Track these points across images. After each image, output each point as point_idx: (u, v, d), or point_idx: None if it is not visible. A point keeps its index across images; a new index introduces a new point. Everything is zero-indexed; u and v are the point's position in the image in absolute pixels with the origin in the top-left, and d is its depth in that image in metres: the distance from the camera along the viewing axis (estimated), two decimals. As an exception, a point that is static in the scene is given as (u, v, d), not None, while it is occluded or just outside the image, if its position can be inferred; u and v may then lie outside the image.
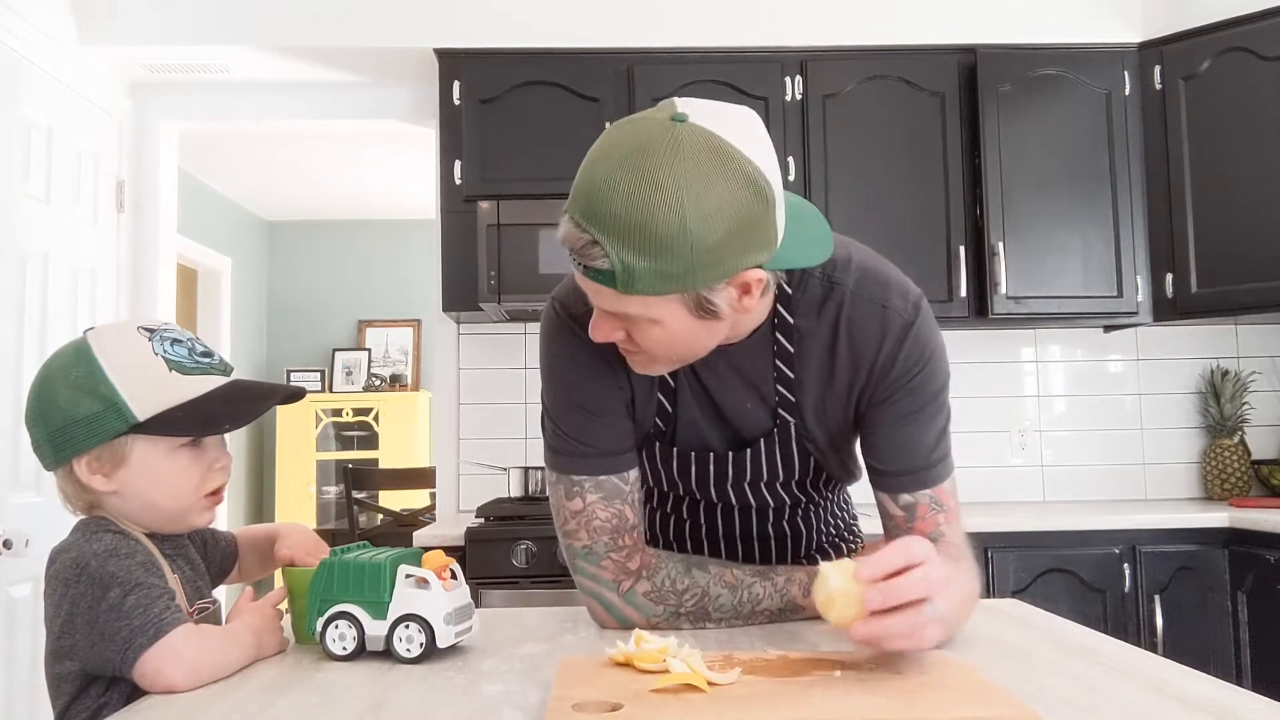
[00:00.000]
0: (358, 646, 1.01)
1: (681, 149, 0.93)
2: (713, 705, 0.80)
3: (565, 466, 1.20)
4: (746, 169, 0.94)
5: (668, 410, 1.23)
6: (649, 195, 0.91)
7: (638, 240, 0.93)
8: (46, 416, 1.06)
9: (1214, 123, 2.98)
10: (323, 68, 3.32)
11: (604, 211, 0.93)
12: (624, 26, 3.13)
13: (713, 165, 0.93)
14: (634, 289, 0.95)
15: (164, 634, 0.95)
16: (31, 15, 2.77)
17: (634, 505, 1.21)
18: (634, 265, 0.93)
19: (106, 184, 3.17)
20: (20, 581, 2.56)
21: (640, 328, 1.02)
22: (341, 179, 5.56)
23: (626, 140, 0.95)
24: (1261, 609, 2.62)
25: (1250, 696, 0.83)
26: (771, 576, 1.21)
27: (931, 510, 1.18)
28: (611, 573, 1.19)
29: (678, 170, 0.92)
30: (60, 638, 1.00)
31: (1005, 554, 2.69)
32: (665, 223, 0.92)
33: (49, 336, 2.75)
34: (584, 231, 0.95)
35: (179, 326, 1.12)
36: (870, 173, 3.06)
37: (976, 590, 1.15)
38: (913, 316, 1.16)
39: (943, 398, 1.20)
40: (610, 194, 0.93)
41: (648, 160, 0.92)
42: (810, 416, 1.20)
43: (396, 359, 6.38)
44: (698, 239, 0.92)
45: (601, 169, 0.95)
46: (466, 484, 3.31)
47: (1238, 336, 3.37)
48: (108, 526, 1.05)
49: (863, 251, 1.21)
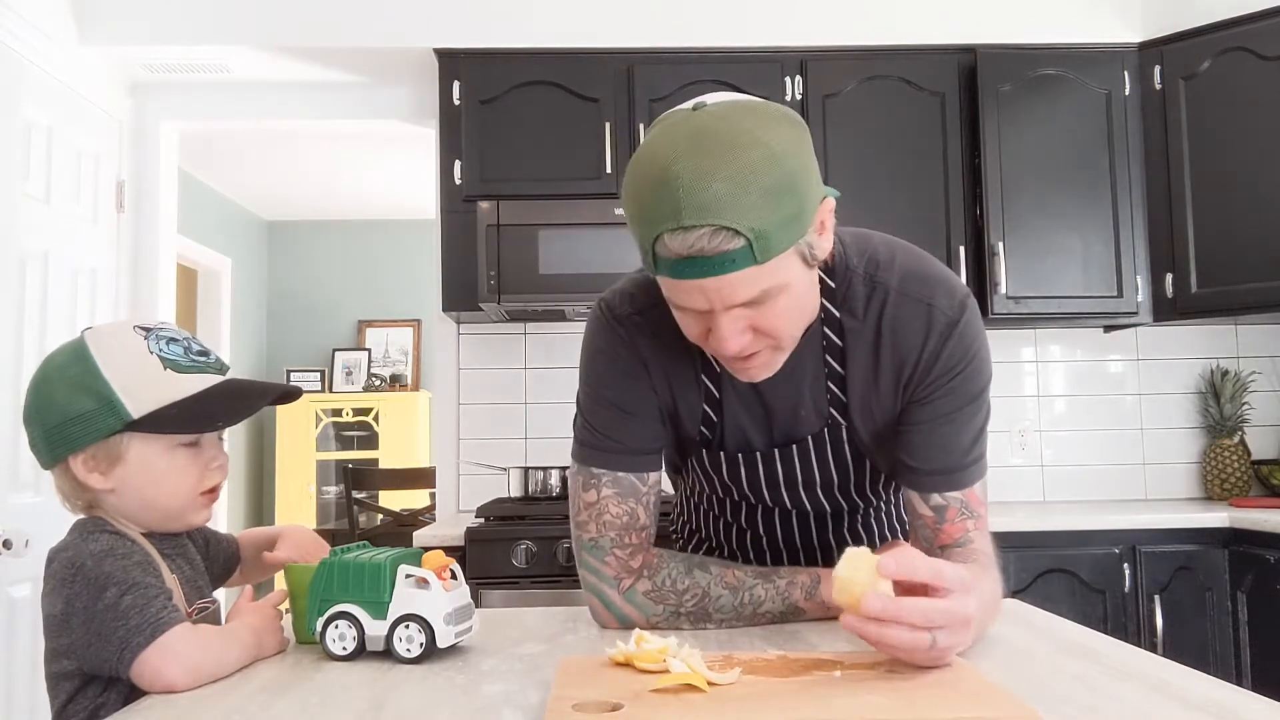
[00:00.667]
0: (358, 646, 1.01)
1: (733, 117, 0.96)
2: (713, 705, 0.80)
3: (587, 458, 1.22)
4: (782, 110, 0.99)
5: (712, 419, 1.23)
6: (741, 159, 0.93)
7: (755, 200, 0.93)
8: (43, 414, 1.06)
9: (1214, 123, 2.98)
10: (323, 68, 3.32)
11: (713, 196, 0.93)
12: (624, 26, 3.13)
13: (762, 115, 0.97)
14: (771, 249, 0.95)
15: (161, 633, 0.95)
16: (31, 15, 2.77)
17: (648, 507, 1.22)
18: (763, 225, 0.94)
19: (106, 184, 3.17)
20: (20, 581, 2.57)
21: (771, 306, 1.01)
22: (341, 179, 5.56)
23: (677, 143, 0.95)
24: (1261, 609, 2.62)
25: (1250, 696, 0.83)
26: (774, 579, 1.20)
27: (961, 515, 1.17)
28: (614, 569, 1.19)
29: (745, 131, 0.94)
30: (58, 637, 1.00)
31: (1005, 554, 2.66)
32: (767, 173, 0.93)
33: (49, 336, 2.75)
34: (704, 226, 0.93)
35: (176, 326, 1.13)
36: (870, 173, 3.06)
37: (998, 602, 1.14)
38: (958, 315, 1.15)
39: (983, 398, 1.18)
40: (705, 182, 0.93)
41: (715, 140, 0.94)
42: (857, 416, 1.20)
43: (396, 359, 6.39)
44: (798, 172, 0.95)
45: (681, 171, 0.93)
46: (466, 484, 3.31)
47: (1238, 336, 3.37)
48: (104, 526, 1.05)
49: (907, 249, 1.21)
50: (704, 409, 1.23)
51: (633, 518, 1.20)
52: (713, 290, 0.98)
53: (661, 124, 1.00)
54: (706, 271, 0.96)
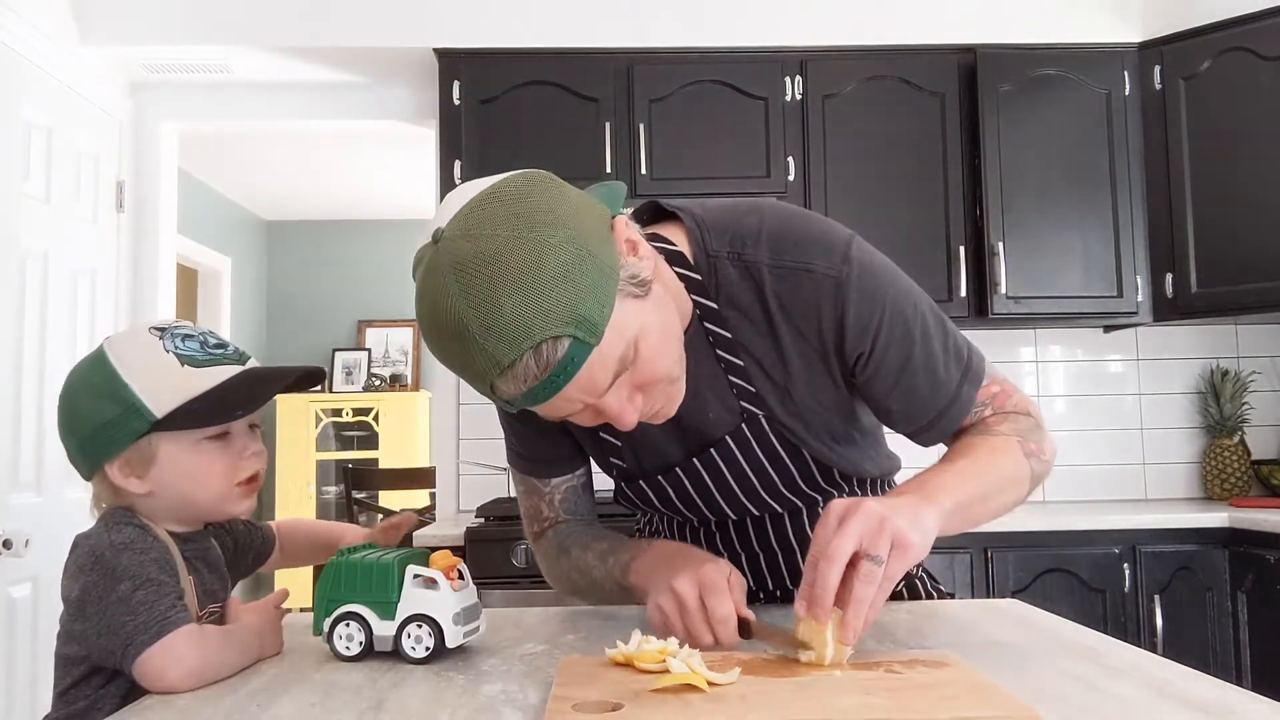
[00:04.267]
0: (365, 647, 1.01)
1: (472, 235, 0.87)
2: (713, 705, 0.80)
3: (509, 457, 1.33)
4: (507, 184, 0.90)
5: (615, 445, 1.20)
6: (508, 271, 0.85)
7: (554, 293, 0.85)
8: (74, 426, 1.07)
9: (1214, 123, 2.98)
10: (322, 68, 3.32)
11: (510, 325, 0.85)
12: (623, 26, 3.13)
13: (495, 213, 0.87)
14: (598, 325, 0.88)
15: (166, 633, 0.95)
16: (31, 15, 2.77)
17: (551, 504, 1.30)
18: (575, 312, 0.86)
19: (106, 184, 3.17)
20: (20, 581, 2.56)
21: (639, 361, 0.94)
22: (341, 179, 5.57)
23: (447, 289, 0.87)
24: (1261, 609, 2.62)
25: (1250, 696, 0.83)
26: (607, 559, 1.21)
27: (976, 411, 1.14)
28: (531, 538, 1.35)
29: (493, 239, 0.86)
30: (72, 621, 1.01)
31: (1005, 554, 2.69)
32: (544, 263, 0.85)
33: (49, 336, 2.75)
34: (523, 355, 0.86)
35: (191, 323, 1.14)
36: (870, 173, 3.06)
37: (1007, 463, 1.10)
38: (843, 270, 1.06)
39: (923, 328, 1.10)
40: (494, 314, 0.85)
41: (471, 268, 0.85)
42: (777, 405, 1.13)
43: (396, 359, 6.39)
44: (571, 238, 0.87)
45: (465, 318, 0.86)
46: (466, 484, 3.31)
47: (1238, 336, 3.37)
48: (130, 519, 1.06)
49: (776, 212, 1.11)
50: (603, 438, 1.20)
51: (535, 512, 1.32)
52: (574, 393, 0.91)
53: (421, 270, 0.91)
54: (556, 387, 0.89)
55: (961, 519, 1.04)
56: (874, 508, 0.92)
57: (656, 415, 1.02)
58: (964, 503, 1.03)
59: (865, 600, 0.90)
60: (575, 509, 1.30)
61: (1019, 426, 1.15)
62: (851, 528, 0.91)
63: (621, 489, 1.28)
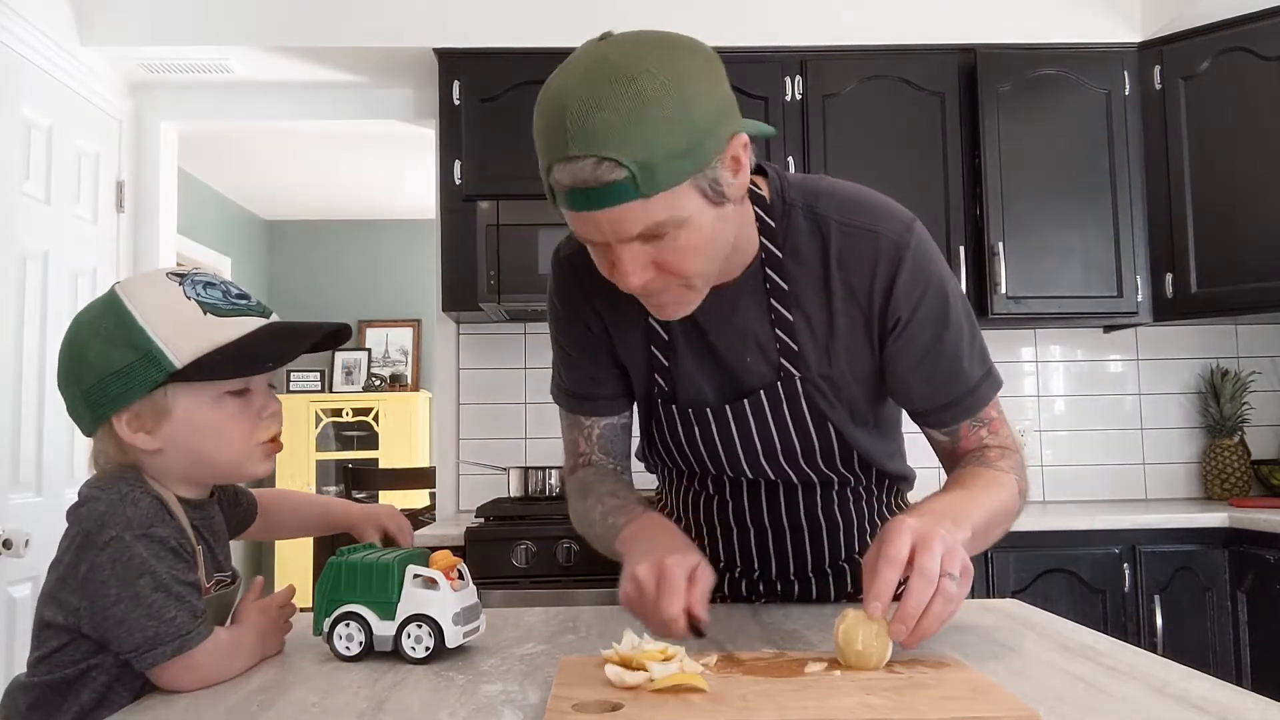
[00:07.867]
0: (365, 647, 1.01)
1: (631, 47, 0.95)
2: (713, 705, 0.80)
3: (552, 390, 1.38)
4: (690, 40, 0.98)
5: (664, 364, 1.23)
6: (630, 89, 0.91)
7: (642, 131, 0.91)
8: (79, 375, 0.98)
9: (1214, 123, 2.98)
10: (322, 68, 3.32)
11: (598, 126, 0.91)
12: (623, 26, 3.11)
13: (665, 46, 0.95)
14: (656, 184, 0.93)
15: (188, 649, 0.93)
16: (31, 15, 2.77)
17: (589, 439, 1.34)
18: (648, 157, 0.92)
19: (106, 184, 3.17)
20: (20, 581, 2.56)
21: (670, 242, 0.99)
22: (341, 179, 5.56)
23: (574, 73, 0.94)
24: (1261, 609, 2.62)
25: (1250, 696, 0.83)
26: (609, 519, 1.23)
27: (973, 428, 1.18)
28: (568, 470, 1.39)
29: (640, 61, 0.92)
30: (63, 591, 0.95)
31: (1005, 554, 2.69)
32: (658, 104, 0.91)
33: (49, 336, 2.75)
34: (587, 157, 0.92)
35: (210, 271, 1.06)
36: (870, 173, 3.05)
37: (1007, 498, 1.13)
38: (906, 238, 1.12)
39: (958, 318, 1.16)
40: (595, 109, 0.91)
41: (609, 70, 0.92)
42: (813, 365, 1.17)
43: (396, 359, 6.38)
44: (692, 105, 0.93)
45: (571, 101, 0.92)
46: (466, 484, 3.31)
47: (1238, 336, 3.37)
48: (142, 486, 0.97)
49: (848, 184, 1.18)
50: (653, 352, 1.23)
51: (574, 445, 1.36)
52: (604, 222, 0.97)
53: (574, 56, 0.98)
54: (593, 203, 0.95)
55: (968, 548, 1.07)
56: (944, 532, 0.95)
57: (660, 306, 1.08)
58: (977, 532, 1.06)
59: (940, 617, 0.92)
60: (611, 448, 1.35)
61: (1014, 464, 1.19)
62: (936, 547, 0.93)
63: (652, 438, 1.33)
